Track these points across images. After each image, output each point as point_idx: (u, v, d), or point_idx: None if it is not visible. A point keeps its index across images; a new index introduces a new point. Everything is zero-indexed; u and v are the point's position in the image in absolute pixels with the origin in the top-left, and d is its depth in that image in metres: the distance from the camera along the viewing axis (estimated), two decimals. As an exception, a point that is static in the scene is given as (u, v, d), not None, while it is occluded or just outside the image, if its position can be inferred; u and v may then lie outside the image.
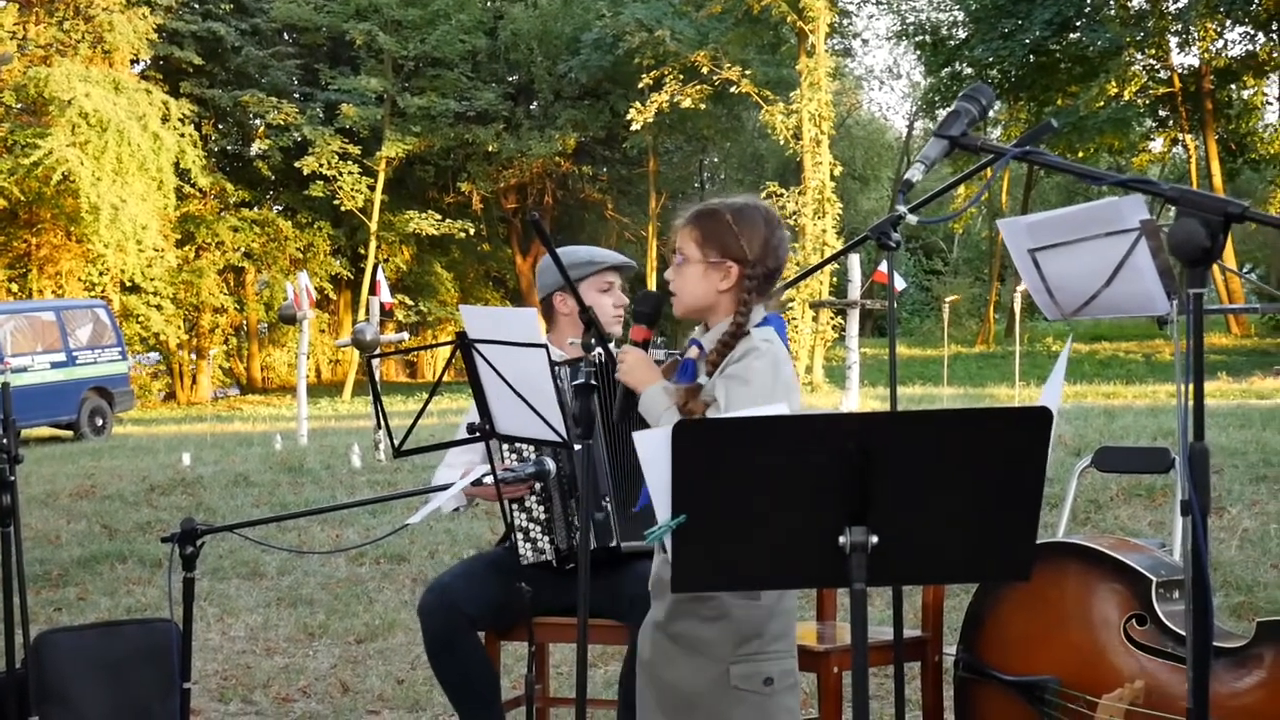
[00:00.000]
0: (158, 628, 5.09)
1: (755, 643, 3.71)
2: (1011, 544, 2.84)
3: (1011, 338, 32.74)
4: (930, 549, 2.86)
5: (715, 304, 3.77)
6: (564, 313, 5.15)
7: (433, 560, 10.03)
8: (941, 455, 2.76)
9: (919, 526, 2.82)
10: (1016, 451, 2.74)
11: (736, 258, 3.74)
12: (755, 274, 3.74)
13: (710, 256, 3.75)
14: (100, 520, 12.02)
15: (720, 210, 3.79)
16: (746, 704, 3.70)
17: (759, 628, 3.70)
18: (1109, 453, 5.77)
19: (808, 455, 2.76)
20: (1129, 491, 10.05)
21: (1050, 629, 4.42)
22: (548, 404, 4.03)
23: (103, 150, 34.91)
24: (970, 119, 3.28)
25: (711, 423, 2.88)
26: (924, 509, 2.80)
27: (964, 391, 26.19)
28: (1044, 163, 3.14)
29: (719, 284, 3.75)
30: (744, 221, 3.76)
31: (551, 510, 4.87)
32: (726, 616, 3.70)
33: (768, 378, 3.60)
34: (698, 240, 3.77)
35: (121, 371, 27.13)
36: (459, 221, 42.83)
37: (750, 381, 3.59)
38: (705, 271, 3.76)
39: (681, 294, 3.81)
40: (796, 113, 33.63)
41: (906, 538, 2.81)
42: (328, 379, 48.39)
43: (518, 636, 5.05)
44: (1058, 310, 3.96)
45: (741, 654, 3.70)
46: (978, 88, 3.39)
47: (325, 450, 16.09)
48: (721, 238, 3.75)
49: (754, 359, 3.63)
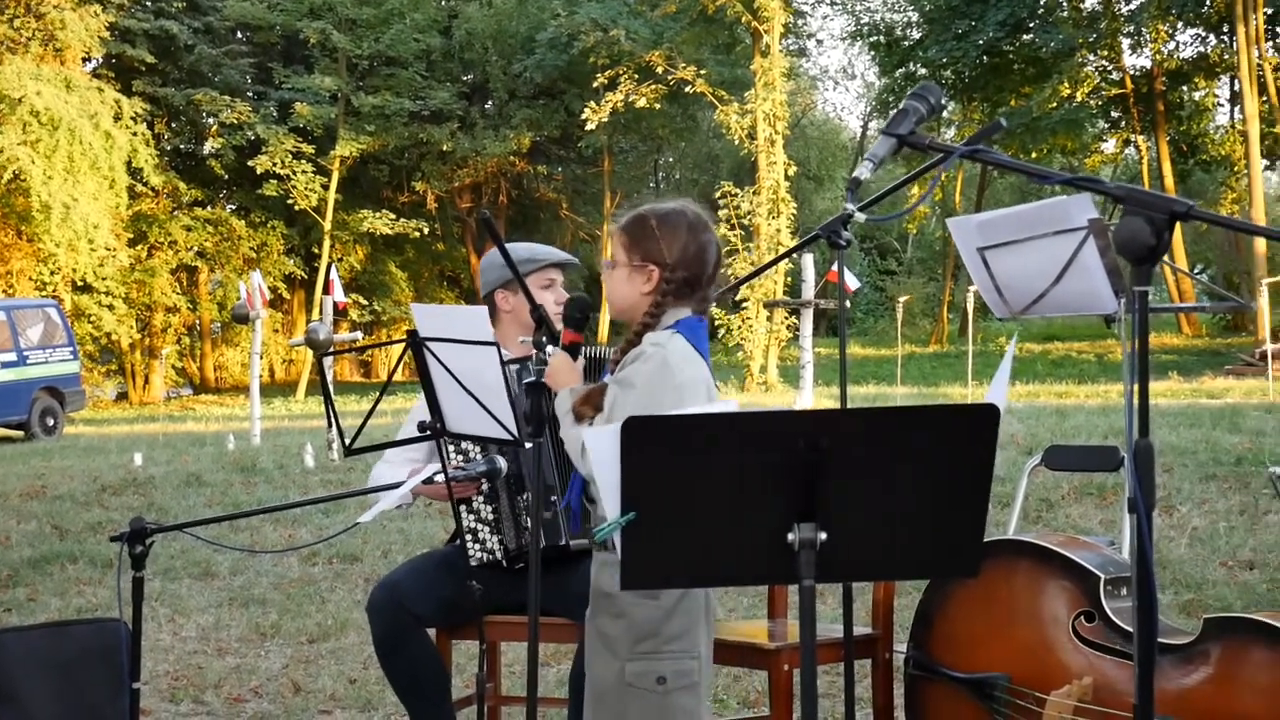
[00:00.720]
0: (107, 627, 5.05)
1: (650, 642, 3.75)
2: (960, 541, 2.85)
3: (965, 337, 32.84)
4: (879, 546, 2.87)
5: (638, 307, 3.83)
6: (505, 310, 5.13)
7: (385, 560, 10.00)
8: (890, 452, 2.77)
9: (868, 523, 2.82)
10: (964, 449, 2.75)
11: (656, 261, 3.80)
12: (674, 278, 3.79)
13: (634, 260, 3.82)
14: (51, 520, 11.94)
15: (647, 215, 3.85)
16: (642, 701, 3.76)
17: (655, 627, 3.75)
18: (1059, 451, 5.79)
19: (757, 452, 2.76)
20: (1080, 490, 10.11)
21: (1000, 626, 4.43)
22: (499, 402, 4.03)
23: (54, 149, 34.72)
24: (919, 117, 3.29)
25: (661, 420, 2.88)
26: (873, 506, 2.81)
27: (918, 391, 26.28)
28: (992, 161, 3.15)
29: (642, 287, 3.81)
30: (667, 226, 3.82)
31: (499, 510, 4.86)
32: (625, 615, 3.76)
33: (653, 381, 3.64)
34: (625, 245, 3.84)
35: (73, 371, 27.00)
36: (413, 221, 42.77)
37: (635, 385, 3.66)
38: (630, 275, 3.83)
39: (611, 297, 3.88)
40: (751, 113, 33.67)
41: (855, 534, 2.82)
42: (281, 379, 48.21)
43: (469, 635, 5.04)
44: (1006, 309, 3.97)
45: (637, 652, 3.76)
46: (926, 86, 3.40)
47: (278, 450, 16.03)
48: (645, 242, 3.81)
49: (640, 363, 3.68)
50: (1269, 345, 26.42)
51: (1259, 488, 9.82)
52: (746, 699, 6.58)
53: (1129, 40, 42.41)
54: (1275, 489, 4.55)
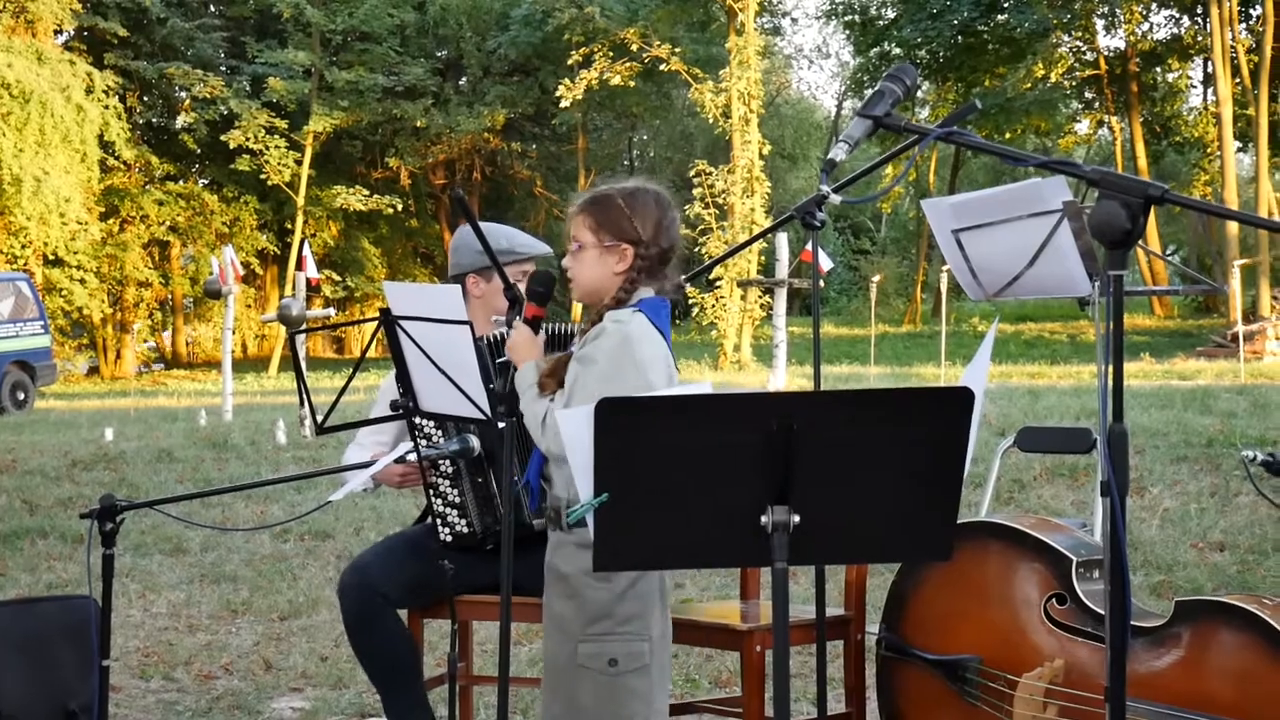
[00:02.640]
0: (76, 604, 5.03)
1: (603, 623, 3.76)
2: (932, 524, 2.85)
3: (938, 317, 32.89)
4: (852, 529, 2.86)
5: (609, 287, 3.83)
6: (476, 295, 5.09)
7: (358, 537, 9.98)
8: (864, 435, 2.77)
9: (841, 506, 2.82)
10: (938, 432, 2.75)
11: (630, 239, 3.80)
12: (648, 255, 3.80)
13: (605, 240, 3.82)
14: (21, 495, 11.90)
15: (613, 194, 3.85)
16: (592, 683, 3.76)
17: (608, 609, 3.75)
18: (1031, 433, 5.81)
19: (730, 434, 2.75)
20: (1052, 471, 10.14)
21: (972, 608, 4.44)
22: (472, 381, 4.01)
23: (25, 122, 34.56)
24: (894, 99, 3.28)
25: (634, 401, 2.87)
26: (846, 489, 2.80)
27: (891, 371, 26.31)
28: (967, 143, 3.15)
29: (615, 266, 3.82)
30: (637, 204, 3.83)
31: (463, 492, 4.84)
32: (578, 596, 3.77)
33: (615, 357, 3.66)
34: (592, 226, 3.84)
35: (44, 346, 26.87)
36: (387, 197, 42.63)
37: (595, 361, 3.67)
38: (601, 255, 3.82)
39: (579, 279, 3.87)
40: (725, 91, 33.63)
41: (828, 517, 2.81)
42: (254, 354, 48.09)
43: (441, 614, 5.03)
44: (981, 291, 3.97)
45: (590, 633, 3.76)
46: (902, 68, 3.39)
47: (250, 426, 15.99)
48: (616, 221, 3.81)
49: (602, 339, 3.70)
50: (1240, 327, 26.55)
51: (1230, 469, 9.87)
52: (718, 679, 6.59)
53: (1103, 21, 42.49)
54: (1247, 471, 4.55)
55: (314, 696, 6.60)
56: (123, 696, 6.60)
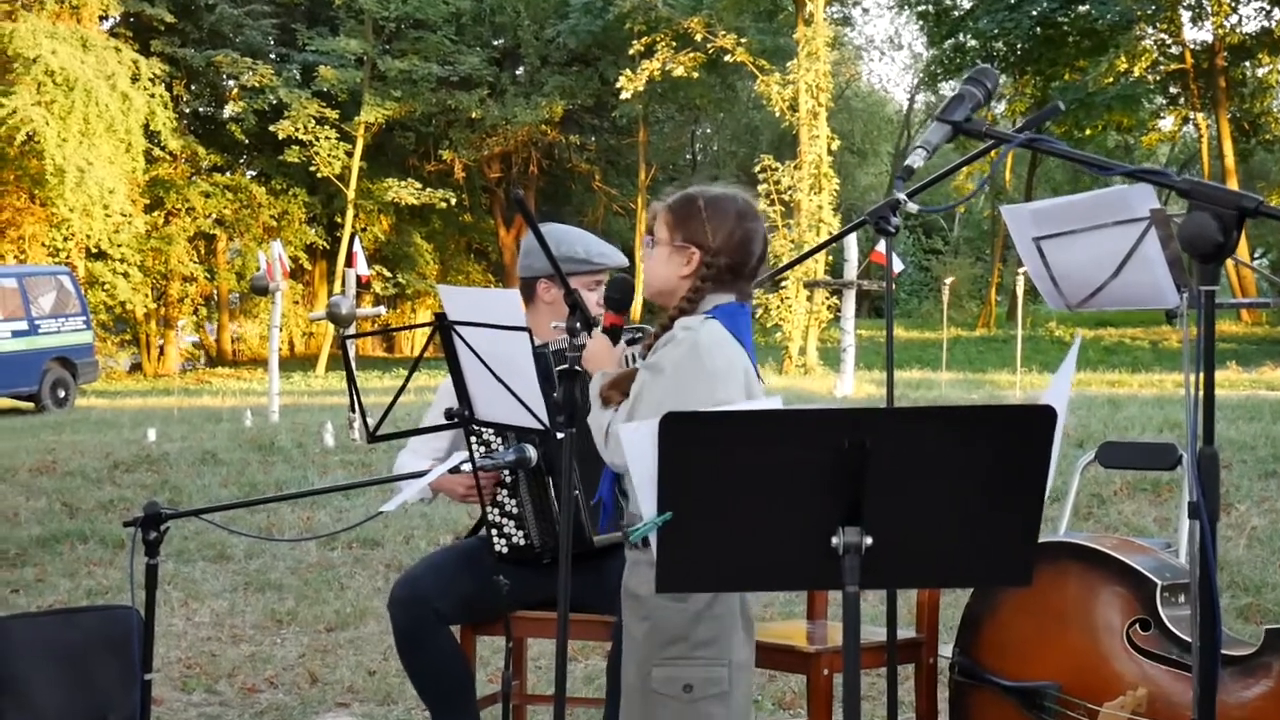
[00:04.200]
0: (118, 615, 5.06)
1: (678, 646, 3.72)
2: (1011, 548, 2.83)
3: (1013, 321, 32.71)
4: (926, 551, 2.85)
5: (676, 289, 3.81)
6: (546, 300, 5.08)
7: (408, 546, 10.02)
8: (940, 454, 2.75)
9: (915, 528, 2.80)
10: (1018, 452, 2.73)
11: (699, 244, 3.78)
12: (715, 264, 3.77)
13: (676, 240, 3.81)
14: (61, 498, 12.00)
15: (696, 196, 3.84)
16: (667, 709, 3.74)
17: (683, 632, 3.72)
18: (1113, 448, 5.77)
19: (800, 451, 2.74)
20: (1134, 486, 10.06)
21: (1050, 633, 4.41)
22: (530, 390, 4.01)
23: (69, 110, 34.78)
24: (975, 103, 3.26)
25: (700, 416, 2.86)
26: (921, 510, 2.79)
27: (963, 377, 26.19)
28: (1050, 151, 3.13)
29: (681, 269, 3.80)
30: (715, 210, 3.81)
31: (523, 504, 4.84)
32: (650, 618, 3.75)
33: (683, 367, 3.62)
34: (669, 223, 3.83)
35: (86, 341, 27.07)
36: (440, 191, 42.66)
37: (663, 371, 3.64)
38: (670, 255, 3.81)
39: (648, 276, 3.88)
40: (793, 83, 33.51)
41: (902, 539, 2.80)
42: (301, 352, 48.28)
43: (494, 631, 5.03)
44: (1063, 301, 3.95)
45: (664, 657, 3.73)
46: (983, 70, 3.37)
47: (297, 428, 16.06)
48: (690, 223, 3.80)
49: (670, 347, 3.67)
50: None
51: (1321, 486, 9.77)
52: (782, 700, 6.57)
53: (1189, 13, 42.18)
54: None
55: (361, 712, 6.63)
56: (164, 710, 6.64)
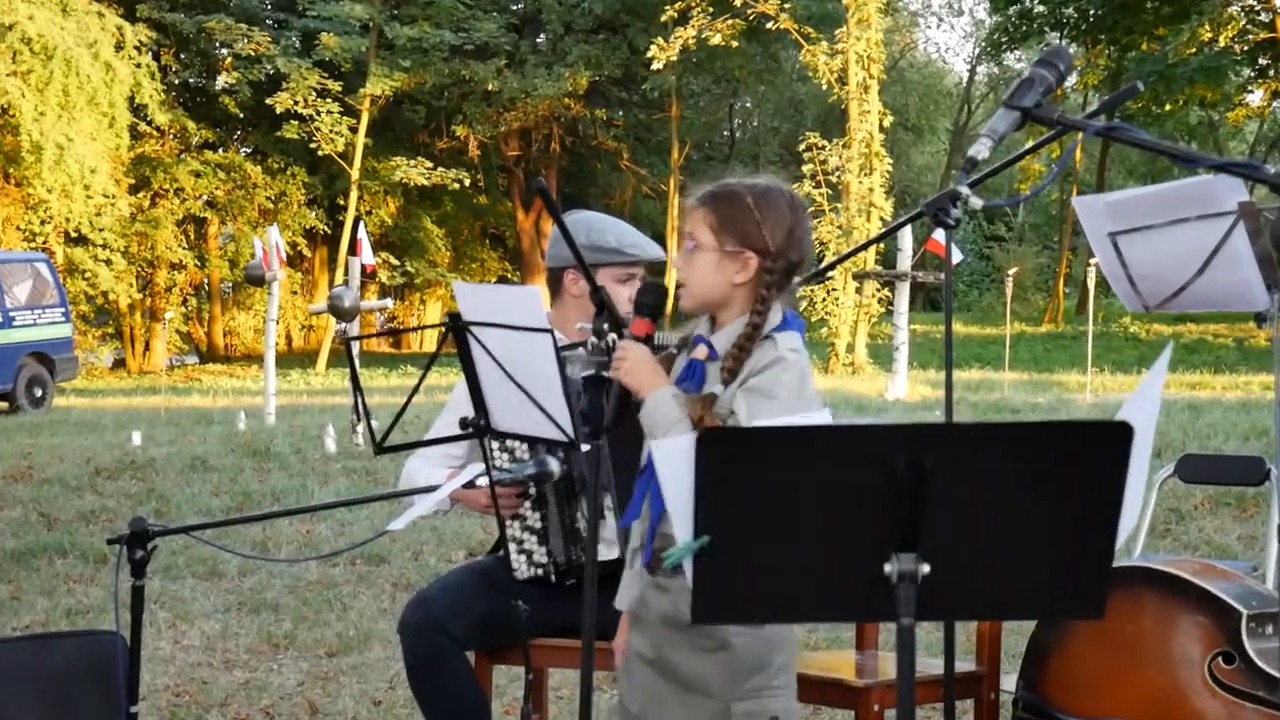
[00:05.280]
0: (101, 641, 5.06)
1: (760, 676, 3.70)
2: (1082, 578, 2.82)
3: (1084, 316, 32.63)
4: (989, 581, 2.84)
5: (729, 298, 3.74)
6: (574, 294, 5.09)
7: (416, 563, 10.04)
8: (1005, 475, 2.74)
9: (977, 555, 2.79)
10: (1092, 473, 2.72)
11: (757, 248, 3.70)
12: (776, 268, 3.70)
13: (727, 245, 3.72)
14: (38, 508, 12.05)
15: (740, 192, 3.74)
16: None
17: (764, 659, 3.70)
18: (1194, 461, 5.74)
19: (851, 471, 2.74)
20: (1216, 501, 10.04)
21: (1124, 666, 4.40)
22: (553, 397, 4.00)
23: (47, 81, 34.92)
24: (1046, 87, 3.24)
25: (742, 433, 2.86)
26: (983, 535, 2.78)
27: (1028, 377, 26.15)
28: (1130, 141, 3.11)
29: (735, 276, 3.72)
30: (768, 207, 3.72)
31: (548, 519, 4.85)
32: (727, 648, 3.70)
33: (794, 393, 3.60)
34: (714, 225, 3.73)
35: (64, 335, 27.12)
36: (452, 170, 42.67)
37: (776, 396, 3.58)
38: (720, 261, 3.72)
39: (692, 285, 3.78)
40: (842, 53, 33.48)
41: (962, 567, 2.79)
42: (300, 348, 48.44)
43: (511, 659, 5.04)
44: (1140, 301, 3.95)
45: (746, 690, 3.70)
46: (1055, 50, 3.35)
47: (295, 431, 16.11)
48: (741, 224, 3.71)
49: (780, 371, 3.62)
50: None
51: None
52: (827, 736, 6.57)
53: (1282, -24, 42.00)
54: None
55: (366, 747, 6.66)
56: (150, 742, 6.67)
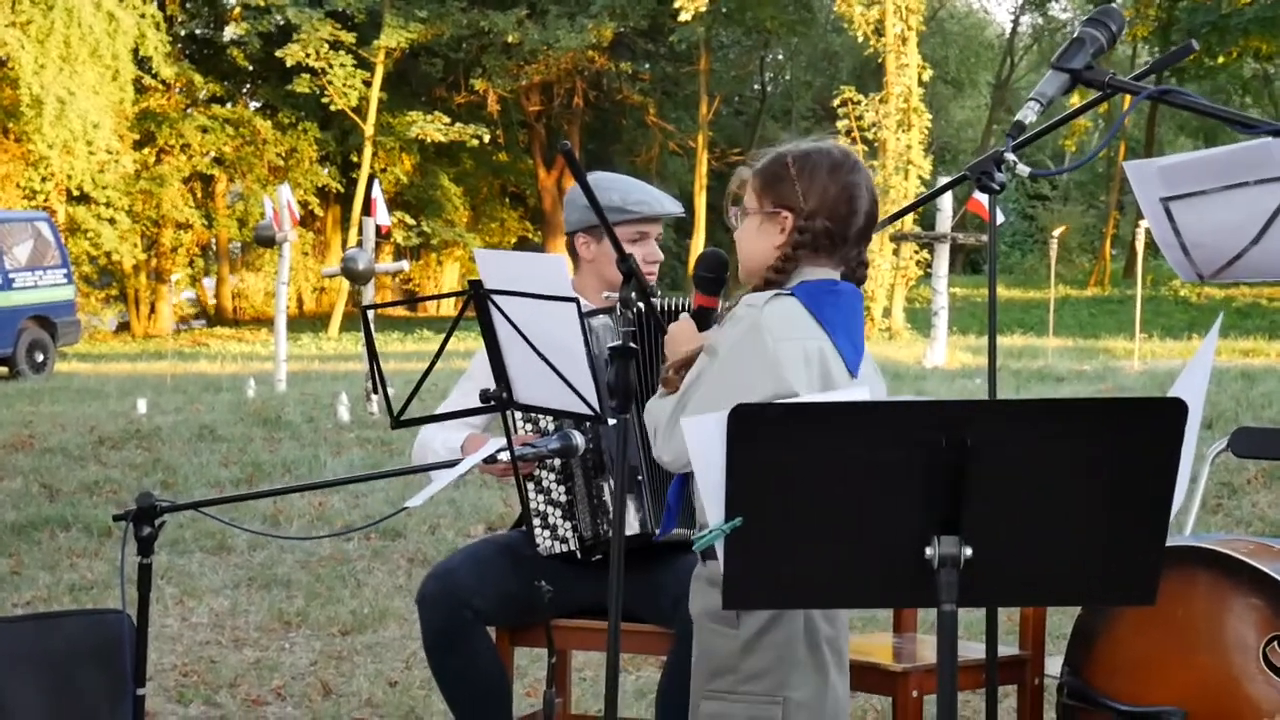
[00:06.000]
0: (107, 621, 5.08)
1: (725, 679, 3.68)
2: (1133, 562, 2.82)
3: (1131, 279, 32.56)
4: (1034, 565, 2.84)
5: (769, 261, 3.73)
6: (586, 258, 5.09)
7: (433, 537, 10.05)
8: (1052, 454, 2.74)
9: (1022, 538, 2.80)
10: (1143, 453, 2.71)
11: (790, 206, 3.69)
12: (809, 227, 3.67)
13: (766, 206, 3.73)
14: (39, 478, 12.08)
15: (783, 154, 3.75)
16: None
17: (730, 663, 3.67)
18: (1249, 434, 5.71)
19: (890, 449, 2.74)
20: (1271, 475, 10.02)
21: (1174, 651, 4.39)
22: (578, 369, 4.00)
23: (47, 33, 34.90)
24: (1097, 48, 3.23)
25: (775, 409, 2.85)
26: (1028, 517, 2.78)
27: (1073, 344, 26.11)
28: (1185, 105, 3.11)
29: (774, 238, 3.71)
30: (806, 166, 3.71)
31: (574, 492, 4.85)
32: (701, 645, 3.74)
33: (740, 349, 3.57)
34: (757, 189, 3.75)
35: (66, 298, 27.12)
36: (471, 126, 42.61)
37: (717, 353, 3.60)
38: (761, 224, 3.73)
39: (741, 254, 3.79)
40: (879, 3, 33.39)
41: (1006, 551, 2.79)
42: (311, 310, 48.46)
43: (533, 640, 5.05)
44: (1194, 271, 3.93)
45: (711, 690, 3.71)
46: (1106, 10, 3.34)
47: (307, 399, 16.15)
48: (779, 185, 3.72)
49: (729, 326, 3.63)
50: None
51: None
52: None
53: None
54: None
55: (381, 729, 6.67)
56: (157, 724, 6.70)
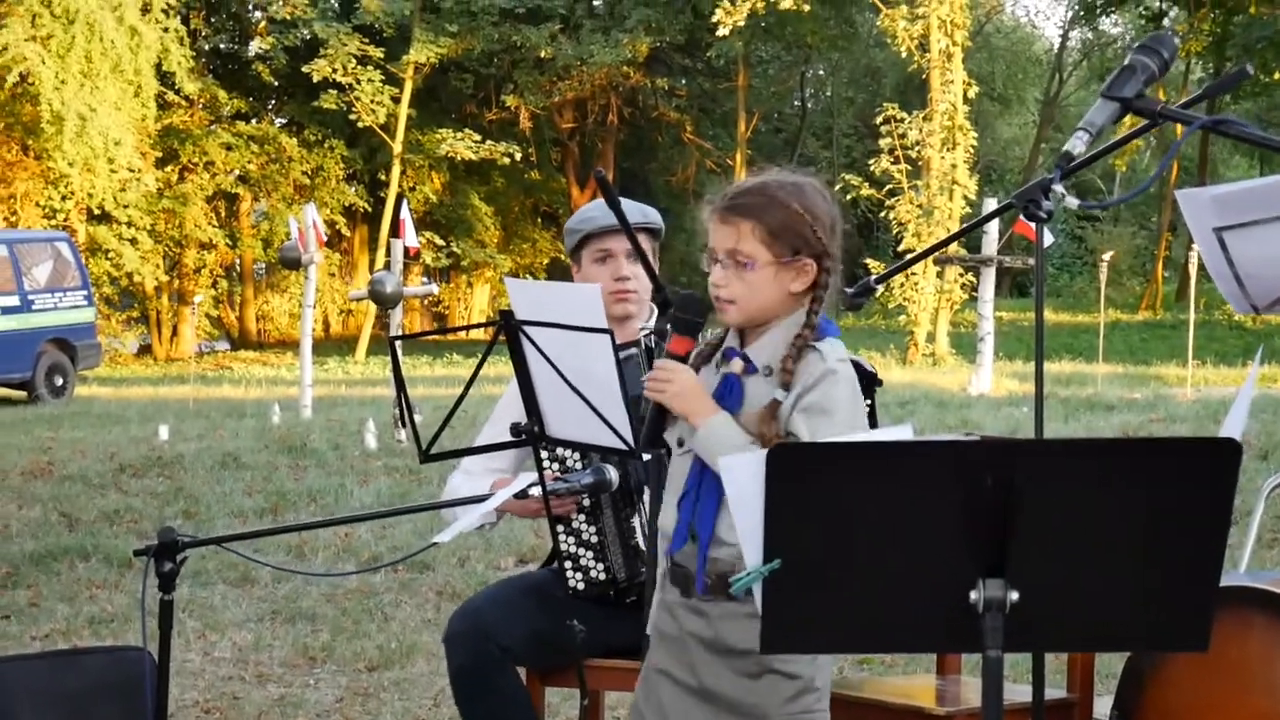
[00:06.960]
0: (128, 658, 5.09)
1: (807, 698, 3.75)
2: (1185, 607, 2.82)
3: (1184, 303, 32.49)
4: (1083, 610, 2.83)
5: (784, 306, 3.74)
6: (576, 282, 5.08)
7: (463, 570, 10.05)
8: (1102, 494, 2.74)
9: (1070, 581, 2.79)
10: (1196, 494, 2.71)
11: (815, 252, 3.70)
12: (831, 268, 3.72)
13: (783, 256, 3.69)
14: (58, 506, 12.11)
15: (780, 196, 3.71)
16: None
17: (809, 681, 3.75)
18: (1306, 469, 5.71)
19: (934, 489, 2.74)
20: (1328, 509, 9.96)
21: (1229, 695, 4.38)
22: (612, 403, 4.01)
23: (68, 48, 35.03)
24: (1148, 76, 3.23)
25: (815, 448, 2.86)
26: (1077, 560, 2.78)
27: (1123, 370, 26.02)
28: (1239, 136, 3.10)
29: (792, 285, 3.71)
30: (812, 206, 3.72)
31: (605, 532, 4.86)
32: (771, 670, 3.73)
33: (850, 408, 3.64)
34: (765, 238, 3.69)
35: (87, 320, 27.19)
36: (502, 144, 42.70)
37: (834, 413, 3.61)
38: (777, 274, 3.71)
39: (745, 302, 3.73)
40: (923, 18, 33.37)
41: (1054, 595, 2.79)
42: (338, 333, 48.57)
43: (565, 681, 5.05)
44: (1248, 302, 3.92)
45: (791, 711, 3.74)
46: (1158, 37, 3.34)
47: (334, 426, 16.17)
48: (795, 230, 3.69)
49: (831, 386, 3.64)
50: None
51: None
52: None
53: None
54: None
55: (408, 770, 6.68)
56: (178, 762, 6.71)
